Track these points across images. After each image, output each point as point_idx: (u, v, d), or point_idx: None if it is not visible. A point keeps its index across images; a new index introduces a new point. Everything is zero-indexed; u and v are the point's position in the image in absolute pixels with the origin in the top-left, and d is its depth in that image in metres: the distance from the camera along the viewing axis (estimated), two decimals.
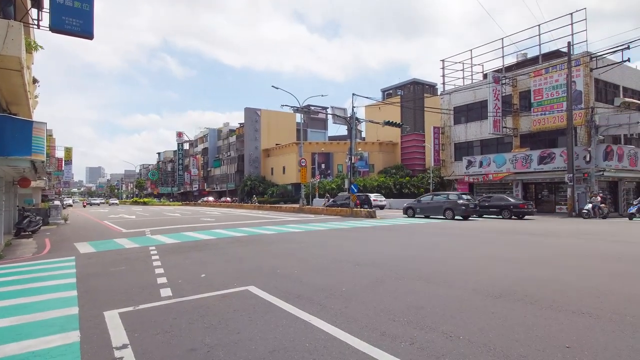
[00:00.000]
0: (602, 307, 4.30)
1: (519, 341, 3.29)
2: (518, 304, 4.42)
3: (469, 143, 32.61)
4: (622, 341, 3.29)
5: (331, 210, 25.71)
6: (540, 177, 26.89)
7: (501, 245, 9.85)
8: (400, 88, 57.06)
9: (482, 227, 15.74)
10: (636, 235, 12.40)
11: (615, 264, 7.12)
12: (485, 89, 29.19)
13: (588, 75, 24.57)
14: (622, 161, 24.56)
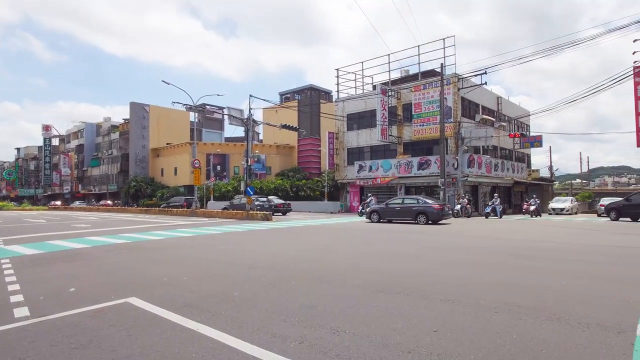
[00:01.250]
0: (464, 293, 4.99)
1: (397, 330, 3.62)
2: (397, 297, 4.87)
3: (361, 149, 34.90)
4: (477, 322, 3.86)
5: (226, 214, 24.97)
6: (420, 181, 30.13)
7: (388, 243, 10.76)
8: (297, 93, 58.37)
9: (373, 227, 16.96)
10: (489, 230, 14.75)
11: (475, 255, 8.34)
12: (374, 99, 31.61)
13: (456, 94, 28.42)
14: (481, 168, 28.96)
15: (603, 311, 4.19)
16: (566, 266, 7.02)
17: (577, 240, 11.24)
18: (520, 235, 13.06)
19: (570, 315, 4.01)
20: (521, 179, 36.85)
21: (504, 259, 7.94)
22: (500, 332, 3.54)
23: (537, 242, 10.80)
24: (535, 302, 4.53)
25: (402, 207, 19.14)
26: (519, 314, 4.07)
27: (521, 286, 5.42)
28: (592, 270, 6.62)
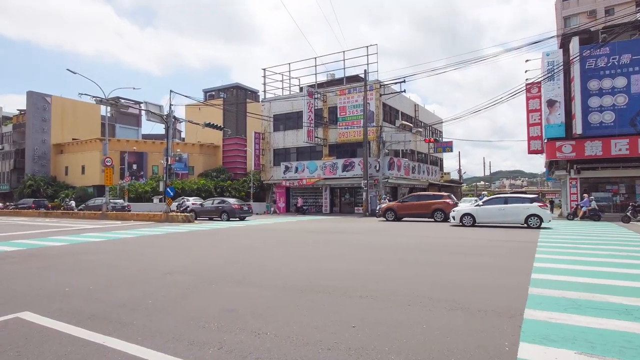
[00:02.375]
0: (381, 289, 5.25)
1: (317, 328, 3.68)
2: (318, 296, 4.96)
3: (287, 149, 34.96)
4: (392, 315, 4.09)
5: (143, 216, 23.29)
6: (344, 182, 31.09)
7: (309, 244, 10.91)
8: (223, 91, 56.62)
9: (298, 227, 17.06)
10: (407, 230, 15.75)
11: (392, 253, 8.84)
12: (301, 101, 31.91)
13: (378, 100, 29.88)
14: (400, 171, 30.79)
15: (498, 299, 4.71)
16: (469, 259, 7.76)
17: (482, 236, 12.51)
18: (430, 232, 14.16)
19: (471, 304, 4.45)
20: (435, 181, 39.97)
21: (417, 255, 8.53)
22: (412, 324, 3.79)
23: (446, 239, 11.80)
24: (442, 294, 4.94)
25: None
26: (428, 306, 4.40)
27: (431, 280, 5.87)
28: (490, 262, 7.41)
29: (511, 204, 16.41)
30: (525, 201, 16.43)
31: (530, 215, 15.77)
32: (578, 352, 3.03)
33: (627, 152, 21.89)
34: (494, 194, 58.46)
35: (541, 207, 15.98)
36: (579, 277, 5.92)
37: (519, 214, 15.97)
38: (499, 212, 16.39)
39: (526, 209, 15.93)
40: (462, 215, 17.14)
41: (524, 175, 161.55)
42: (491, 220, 16.59)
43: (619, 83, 22.30)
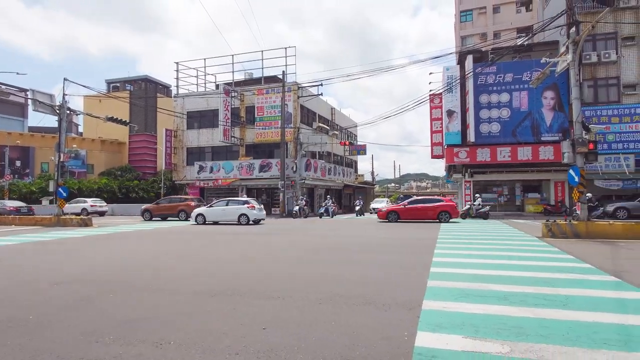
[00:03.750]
0: (293, 289, 5.29)
1: (226, 333, 3.57)
2: (230, 299, 4.82)
3: (201, 149, 33.48)
4: (303, 315, 4.14)
5: (29, 219, 20.37)
6: (261, 183, 30.77)
7: (223, 246, 10.57)
8: (130, 83, 52.17)
9: (206, 230, 16.40)
10: (322, 229, 16.15)
11: (309, 253, 8.98)
12: (217, 99, 30.80)
13: (296, 101, 30.17)
14: (317, 172, 31.47)
15: (401, 293, 5.06)
16: (379, 257, 8.24)
17: (390, 235, 13.34)
18: (346, 232, 14.73)
19: (378, 299, 4.71)
20: (350, 182, 41.65)
21: (332, 254, 8.79)
22: (323, 322, 3.88)
23: (361, 238, 12.36)
24: (352, 291, 5.15)
25: None
26: (338, 303, 4.55)
27: (343, 277, 6.09)
28: (396, 259, 7.94)
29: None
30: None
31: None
32: (464, 336, 3.38)
33: (509, 159, 25.21)
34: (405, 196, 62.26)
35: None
36: (469, 269, 6.63)
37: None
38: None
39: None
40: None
41: (428, 177, 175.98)
42: None
43: (503, 98, 25.59)
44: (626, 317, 3.93)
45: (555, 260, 7.66)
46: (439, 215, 19.37)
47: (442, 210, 19.36)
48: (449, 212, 19.33)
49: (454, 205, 20.09)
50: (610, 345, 3.16)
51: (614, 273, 6.20)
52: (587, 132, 12.61)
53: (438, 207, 19.59)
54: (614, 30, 23.84)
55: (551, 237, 11.73)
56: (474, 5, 41.79)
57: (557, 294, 4.84)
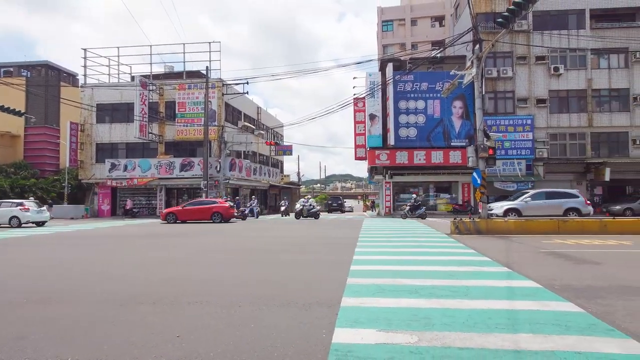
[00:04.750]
0: (212, 293, 5.11)
1: (136, 344, 3.32)
2: (142, 307, 4.49)
3: (114, 145, 30.83)
4: (221, 319, 4.01)
5: None
6: (182, 182, 29.27)
7: (136, 250, 9.84)
8: (26, 68, 45.99)
9: (117, 233, 15.16)
10: (246, 230, 15.86)
11: (229, 255, 8.74)
12: (132, 91, 28.57)
13: (221, 99, 29.24)
14: (242, 172, 30.83)
15: (321, 291, 5.16)
16: (302, 257, 8.32)
17: (314, 234, 13.56)
18: (271, 232, 14.65)
19: (299, 299, 4.75)
20: (276, 182, 41.51)
21: (254, 255, 8.67)
22: (241, 325, 3.80)
23: (282, 238, 12.37)
24: (273, 292, 5.13)
25: None
26: (259, 305, 4.50)
27: (264, 279, 6.04)
28: (318, 258, 8.10)
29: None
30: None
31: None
32: (378, 330, 3.56)
33: (425, 162, 27.21)
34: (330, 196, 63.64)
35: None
36: (386, 265, 7.01)
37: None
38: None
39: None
40: None
41: (353, 179, 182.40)
42: None
43: (419, 105, 27.54)
44: (514, 302, 4.47)
45: (460, 254, 8.43)
46: (212, 216, 20.92)
47: (215, 212, 20.98)
48: (221, 214, 20.96)
49: (226, 207, 21.39)
50: (501, 329, 3.56)
51: (506, 264, 7.02)
52: (487, 139, 14.11)
53: (212, 208, 21.15)
54: (510, 49, 27.02)
55: (458, 234, 12.90)
56: (394, 16, 44.34)
57: (460, 285, 5.33)
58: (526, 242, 10.53)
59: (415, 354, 3.04)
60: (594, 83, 26.79)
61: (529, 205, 17.64)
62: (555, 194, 18.31)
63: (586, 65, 26.88)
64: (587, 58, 26.85)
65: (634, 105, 26.40)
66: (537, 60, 27.02)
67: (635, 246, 9.56)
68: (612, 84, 26.74)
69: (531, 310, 4.15)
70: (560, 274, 6.16)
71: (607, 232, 12.61)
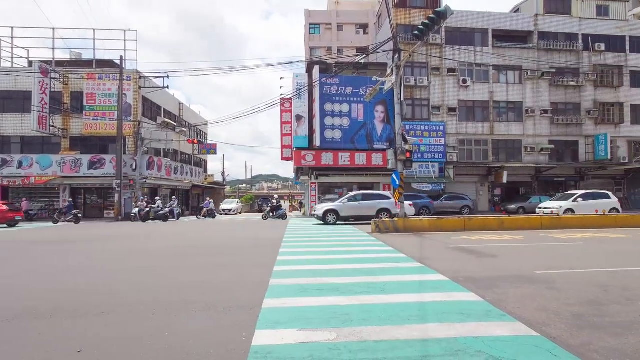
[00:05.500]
0: (122, 302, 4.72)
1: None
2: (37, 322, 3.98)
3: (6, 138, 27.06)
4: (130, 329, 3.72)
5: None
6: (90, 182, 26.68)
7: (33, 258, 8.71)
8: None
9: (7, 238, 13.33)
10: (165, 232, 14.96)
11: (145, 260, 8.14)
12: (30, 78, 25.29)
13: (137, 92, 27.21)
14: (161, 171, 29.01)
15: (243, 294, 5.06)
16: (223, 259, 8.07)
17: (240, 236, 13.24)
18: (192, 234, 13.99)
19: (219, 303, 4.60)
20: (199, 182, 39.76)
21: (171, 259, 8.20)
22: (153, 334, 3.56)
23: (205, 240, 11.89)
24: (191, 297, 4.90)
25: None
26: (175, 312, 4.26)
27: (182, 283, 5.74)
28: (240, 259, 7.93)
29: None
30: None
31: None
32: (299, 329, 3.59)
33: (349, 163, 28.13)
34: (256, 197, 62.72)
35: None
36: (310, 265, 7.10)
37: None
38: None
39: None
40: None
41: (279, 179, 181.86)
42: None
43: (344, 109, 28.43)
44: (424, 295, 4.82)
45: (379, 252, 8.87)
46: None
47: None
48: None
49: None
50: (412, 320, 3.81)
51: (420, 260, 7.55)
52: (405, 143, 15.06)
53: None
54: (426, 60, 29.17)
55: (378, 233, 13.56)
56: (321, 20, 45.22)
57: (378, 282, 5.60)
58: (437, 239, 11.43)
59: (333, 350, 3.12)
60: (495, 95, 30.08)
61: (347, 206, 18.51)
62: (370, 195, 19.43)
63: (489, 79, 30.06)
64: (490, 73, 30.05)
65: (526, 117, 30.17)
66: (448, 72, 29.53)
67: (526, 240, 10.92)
68: (509, 97, 30.26)
69: (439, 302, 4.51)
70: (464, 267, 6.80)
71: (504, 228, 14.25)
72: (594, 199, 19.79)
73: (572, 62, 30.59)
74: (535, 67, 30.00)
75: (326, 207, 18.52)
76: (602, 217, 15.26)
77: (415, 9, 29.56)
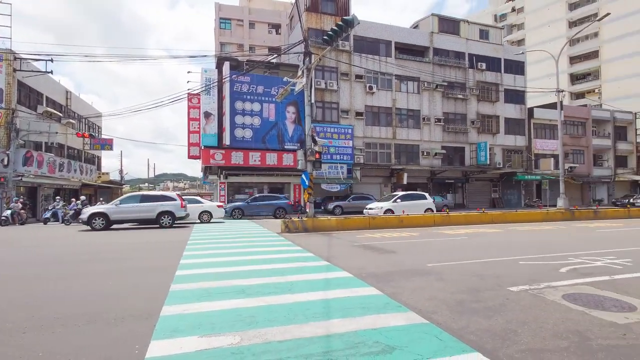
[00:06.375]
0: None
1: None
2: None
3: None
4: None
5: None
6: None
7: None
8: None
9: None
10: (45, 238, 13.07)
11: (17, 269, 7.01)
12: None
13: (11, 75, 23.41)
14: (42, 167, 25.36)
15: (138, 302, 4.65)
16: (119, 265, 7.34)
17: (138, 240, 12.15)
18: (83, 239, 12.46)
19: (110, 313, 4.15)
20: (90, 181, 35.65)
21: (53, 268, 7.20)
22: (23, 356, 3.07)
23: (97, 246, 10.68)
24: (76, 309, 4.35)
25: None
26: (54, 328, 3.74)
27: (67, 295, 5.07)
28: (138, 265, 7.30)
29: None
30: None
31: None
32: (200, 335, 3.42)
33: (259, 163, 27.84)
34: None
35: None
36: (216, 267, 6.83)
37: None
38: None
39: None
40: None
41: (186, 178, 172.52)
42: None
43: (255, 108, 28.06)
44: (329, 292, 4.98)
45: (288, 252, 8.93)
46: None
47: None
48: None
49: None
50: (317, 318, 3.90)
51: (326, 258, 7.78)
52: (315, 144, 15.42)
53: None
54: (336, 65, 30.29)
55: (287, 232, 13.65)
56: (232, 15, 44.02)
57: (285, 282, 5.62)
58: (344, 237, 11.92)
59: (236, 354, 3.04)
60: (397, 103, 32.51)
61: (120, 208, 16.82)
62: (150, 197, 18.19)
63: (392, 87, 32.38)
64: (393, 81, 32.38)
65: (423, 124, 33.19)
66: (356, 78, 31.07)
67: (420, 237, 11.98)
68: (409, 105, 32.98)
69: (343, 298, 4.69)
70: (367, 263, 7.19)
71: (403, 226, 15.46)
72: (412, 199, 21.68)
73: (460, 78, 34.53)
74: (430, 80, 33.18)
75: (93, 210, 16.71)
76: (482, 215, 17.50)
77: (325, 15, 30.49)
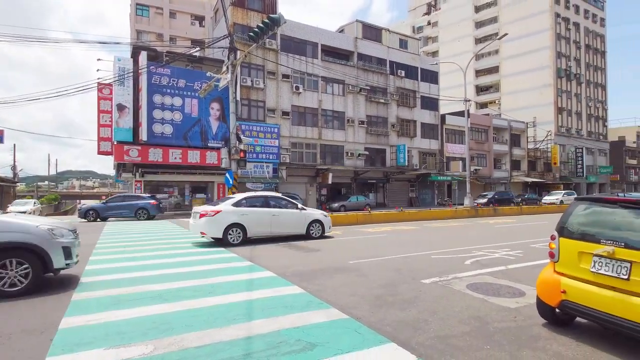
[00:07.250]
0: None
1: None
2: None
3: None
4: None
5: None
6: None
7: None
8: None
9: None
10: None
11: None
12: None
13: None
14: None
15: (33, 315, 4.11)
16: None
17: None
18: None
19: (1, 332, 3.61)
20: None
21: None
22: None
23: None
24: None
25: None
26: None
27: None
28: None
29: None
30: None
31: None
32: (107, 348, 3.13)
33: (181, 161, 26.39)
34: (63, 197, 52.76)
35: None
36: (128, 272, 6.31)
37: None
38: None
39: None
40: None
41: (96, 176, 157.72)
42: None
43: (176, 102, 26.53)
44: (252, 293, 4.89)
45: (209, 253, 8.59)
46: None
47: None
48: None
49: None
50: (238, 320, 3.80)
51: (250, 259, 7.64)
52: (240, 143, 15.08)
53: None
54: (263, 64, 29.92)
55: None
56: (151, 2, 41.14)
57: (206, 284, 5.39)
58: (267, 238, 11.82)
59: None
60: (323, 104, 33.15)
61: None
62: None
63: (318, 88, 32.92)
64: (319, 83, 32.94)
65: (347, 125, 34.29)
66: (283, 77, 31.01)
67: (344, 235, 12.36)
68: (335, 107, 33.84)
69: (266, 298, 4.64)
70: (292, 262, 7.21)
71: None
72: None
73: (382, 83, 36.33)
74: (355, 83, 34.40)
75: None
76: (400, 213, 18.62)
77: (252, 11, 29.95)
